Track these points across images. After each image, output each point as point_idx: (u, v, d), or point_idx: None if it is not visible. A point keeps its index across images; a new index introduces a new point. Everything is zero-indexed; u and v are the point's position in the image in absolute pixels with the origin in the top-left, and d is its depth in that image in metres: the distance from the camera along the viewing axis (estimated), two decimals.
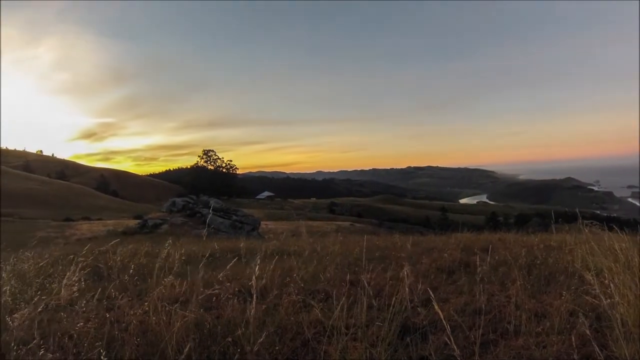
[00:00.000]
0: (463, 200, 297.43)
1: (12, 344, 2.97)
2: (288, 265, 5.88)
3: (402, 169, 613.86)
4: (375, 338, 3.22)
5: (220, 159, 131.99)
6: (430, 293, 3.23)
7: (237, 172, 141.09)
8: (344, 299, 3.44)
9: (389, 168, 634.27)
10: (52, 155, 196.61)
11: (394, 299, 3.51)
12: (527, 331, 3.44)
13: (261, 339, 3.01)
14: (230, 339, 3.14)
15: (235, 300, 3.97)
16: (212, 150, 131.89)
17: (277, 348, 3.18)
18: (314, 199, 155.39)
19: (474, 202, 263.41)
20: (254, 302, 3.23)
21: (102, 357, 2.69)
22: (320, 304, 4.02)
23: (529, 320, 3.59)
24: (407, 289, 3.67)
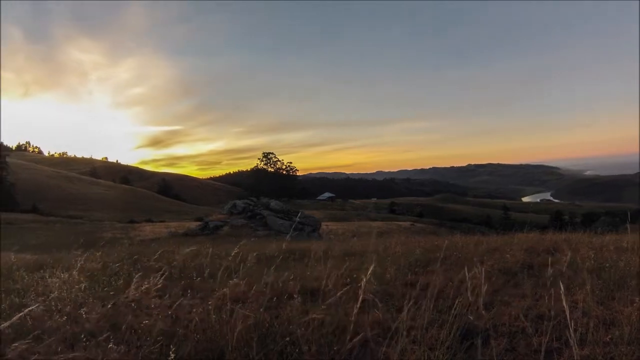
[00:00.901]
0: (526, 199, 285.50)
1: (82, 335, 3.22)
2: (348, 265, 5.92)
3: (462, 167, 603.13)
4: (435, 341, 3.16)
5: (280, 161, 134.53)
6: (493, 296, 3.16)
7: (297, 174, 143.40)
8: (405, 300, 3.42)
9: (449, 166, 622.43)
10: (117, 161, 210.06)
11: (455, 301, 3.45)
12: (594, 340, 3.25)
13: (319, 339, 3.06)
14: (288, 339, 3.19)
15: (296, 300, 4.05)
16: (272, 153, 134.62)
17: (335, 348, 3.21)
18: (375, 199, 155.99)
19: (538, 200, 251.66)
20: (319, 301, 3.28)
21: (163, 352, 2.85)
22: (381, 305, 4.00)
23: (596, 328, 3.39)
24: (468, 292, 3.61)
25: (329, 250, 7.64)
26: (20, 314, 2.75)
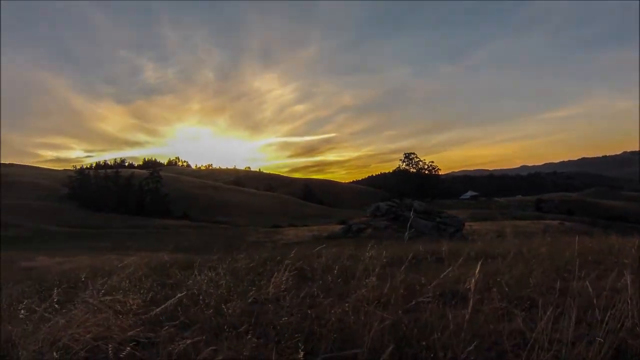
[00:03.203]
0: None
1: (225, 327, 3.62)
2: (491, 268, 5.70)
3: (616, 156, 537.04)
4: (582, 359, 2.96)
5: (421, 161, 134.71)
6: None
7: (440, 173, 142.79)
8: (550, 309, 3.22)
9: (600, 156, 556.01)
10: (259, 170, 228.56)
11: (608, 313, 3.15)
12: None
13: (456, 346, 3.03)
14: (424, 343, 3.20)
15: (435, 303, 4.04)
16: (413, 153, 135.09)
17: (472, 358, 3.15)
18: (519, 196, 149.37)
19: None
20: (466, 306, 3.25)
21: (299, 347, 3.07)
22: (523, 312, 3.82)
23: None
24: (627, 303, 3.27)
25: (470, 251, 7.41)
26: (171, 300, 3.19)
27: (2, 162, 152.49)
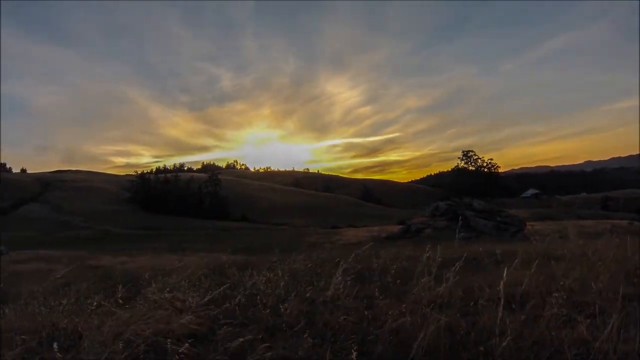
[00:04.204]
0: None
1: (281, 326, 3.71)
2: (553, 271, 5.49)
3: None
4: None
5: (480, 158, 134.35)
6: None
7: (499, 171, 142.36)
8: (616, 317, 3.08)
9: None
10: (317, 171, 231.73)
11: None
12: None
13: (515, 353, 2.96)
14: (482, 348, 3.16)
15: (493, 307, 3.96)
16: (472, 151, 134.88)
17: None
18: (584, 194, 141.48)
19: None
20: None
21: (353, 349, 3.11)
22: (588, 320, 3.63)
23: None
24: None
25: (532, 252, 7.18)
26: (227, 299, 3.30)
27: (70, 168, 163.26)
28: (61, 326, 3.90)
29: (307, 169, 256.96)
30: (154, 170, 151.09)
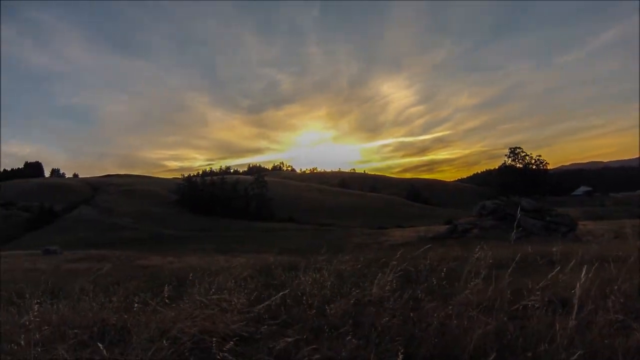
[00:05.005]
0: None
1: (325, 327, 3.74)
2: (608, 274, 5.28)
3: None
4: None
5: (528, 155, 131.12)
6: None
7: (548, 168, 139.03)
8: None
9: None
10: (364, 172, 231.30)
11: None
12: None
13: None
14: (530, 354, 3.10)
15: (543, 311, 3.87)
16: (519, 147, 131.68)
17: None
18: None
19: None
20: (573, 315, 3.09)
21: (399, 351, 3.10)
22: None
23: None
24: None
25: (584, 254, 6.93)
26: (274, 298, 3.36)
27: (121, 172, 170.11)
28: (111, 322, 4.08)
29: (354, 169, 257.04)
30: (200, 173, 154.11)
